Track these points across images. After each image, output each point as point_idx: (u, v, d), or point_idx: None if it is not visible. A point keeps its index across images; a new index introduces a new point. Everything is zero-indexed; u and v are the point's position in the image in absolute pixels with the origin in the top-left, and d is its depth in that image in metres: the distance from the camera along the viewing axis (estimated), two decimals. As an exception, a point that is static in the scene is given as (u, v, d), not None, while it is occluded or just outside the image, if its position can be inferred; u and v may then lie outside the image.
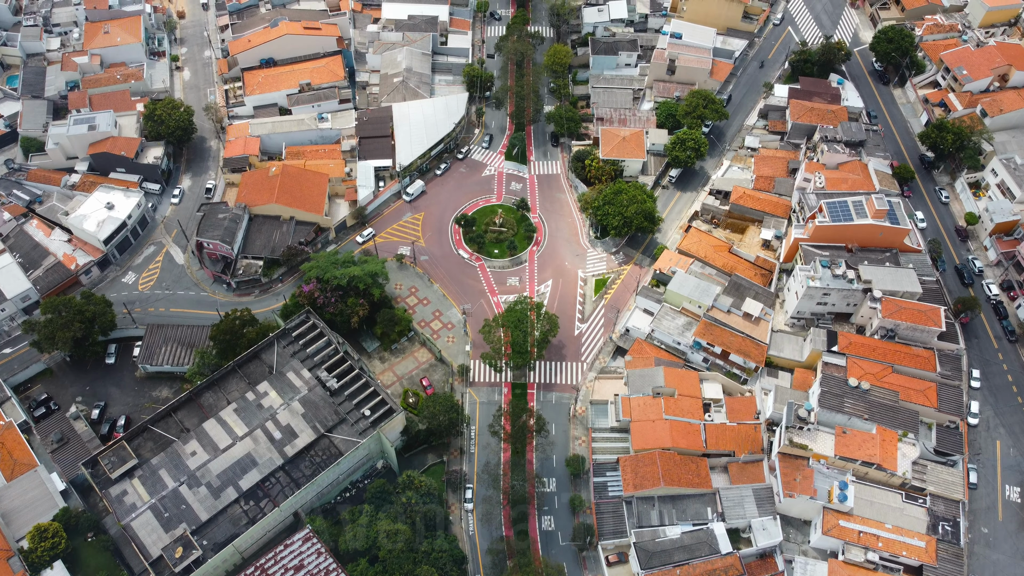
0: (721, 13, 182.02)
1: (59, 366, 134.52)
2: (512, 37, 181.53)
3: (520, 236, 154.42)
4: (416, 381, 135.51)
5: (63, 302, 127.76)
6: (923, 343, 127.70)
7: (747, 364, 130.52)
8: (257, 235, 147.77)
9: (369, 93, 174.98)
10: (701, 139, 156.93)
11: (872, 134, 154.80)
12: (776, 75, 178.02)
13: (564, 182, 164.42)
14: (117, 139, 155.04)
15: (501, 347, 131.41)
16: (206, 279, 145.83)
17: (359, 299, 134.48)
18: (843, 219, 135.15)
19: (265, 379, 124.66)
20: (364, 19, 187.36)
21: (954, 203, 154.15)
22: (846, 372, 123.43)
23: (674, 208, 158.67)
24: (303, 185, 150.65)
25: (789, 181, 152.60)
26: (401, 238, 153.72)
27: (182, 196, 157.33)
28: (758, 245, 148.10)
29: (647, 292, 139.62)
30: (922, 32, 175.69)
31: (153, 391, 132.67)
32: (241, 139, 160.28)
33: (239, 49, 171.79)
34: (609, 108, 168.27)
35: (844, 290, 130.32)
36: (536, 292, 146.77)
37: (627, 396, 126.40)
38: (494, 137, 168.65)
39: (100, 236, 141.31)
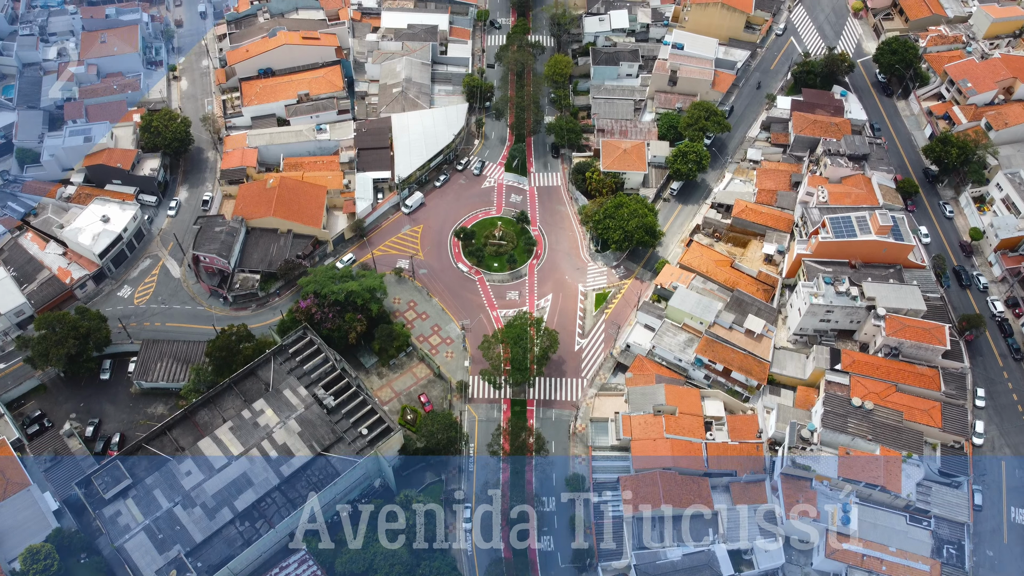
0: (723, 23, 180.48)
1: (53, 382, 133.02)
2: (512, 47, 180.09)
3: (520, 249, 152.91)
4: (414, 397, 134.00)
5: (57, 318, 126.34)
6: (927, 361, 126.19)
7: (749, 382, 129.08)
8: (254, 248, 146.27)
9: (368, 103, 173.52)
10: (703, 152, 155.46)
11: (876, 147, 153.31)
12: (779, 86, 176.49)
13: (564, 194, 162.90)
14: (113, 151, 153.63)
15: (500, 364, 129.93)
16: (202, 293, 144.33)
17: (357, 314, 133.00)
18: (846, 235, 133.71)
19: (261, 396, 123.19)
20: (363, 28, 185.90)
21: (958, 217, 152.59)
22: (849, 391, 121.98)
23: (675, 221, 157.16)
24: (301, 198, 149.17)
25: (792, 195, 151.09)
26: (400, 251, 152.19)
27: (179, 208, 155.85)
28: (760, 260, 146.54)
29: (648, 307, 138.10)
30: (926, 43, 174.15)
31: (148, 408, 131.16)
32: (239, 150, 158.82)
33: (237, 59, 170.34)
34: (610, 119, 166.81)
35: (847, 307, 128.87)
36: (536, 307, 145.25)
37: (628, 414, 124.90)
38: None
39: (95, 250, 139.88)
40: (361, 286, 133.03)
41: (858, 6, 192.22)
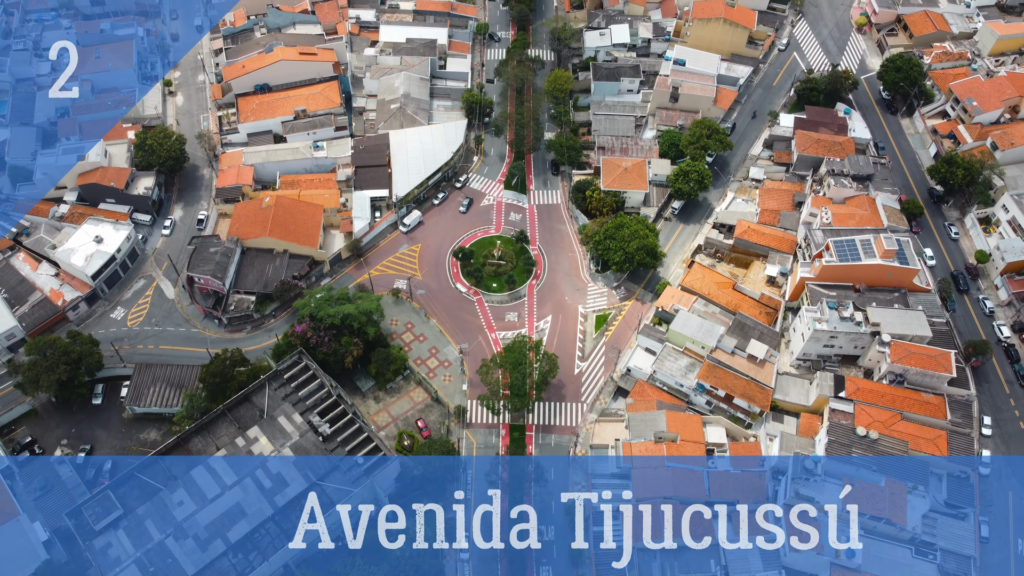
0: (725, 39, 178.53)
1: (44, 407, 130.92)
2: (512, 62, 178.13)
3: (519, 269, 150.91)
4: (412, 422, 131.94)
5: (48, 343, 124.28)
6: (933, 389, 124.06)
7: (752, 408, 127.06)
8: (249, 269, 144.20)
9: (366, 119, 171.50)
10: (705, 171, 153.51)
11: (880, 167, 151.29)
12: (781, 102, 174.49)
13: (564, 213, 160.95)
14: (107, 169, 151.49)
15: (499, 389, 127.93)
16: (197, 315, 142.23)
17: (353, 338, 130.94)
18: (851, 258, 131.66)
19: (256, 424, 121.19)
20: (362, 42, 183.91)
21: (964, 239, 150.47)
22: (854, 419, 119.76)
23: (677, 241, 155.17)
24: (297, 217, 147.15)
25: (795, 215, 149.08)
26: (397, 271, 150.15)
27: (173, 227, 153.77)
28: (763, 281, 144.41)
29: (649, 331, 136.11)
30: (931, 60, 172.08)
31: (141, 433, 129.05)
32: (234, 168, 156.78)
33: (233, 75, 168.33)
34: (611, 136, 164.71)
35: (851, 333, 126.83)
36: (535, 328, 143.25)
37: (628, 441, 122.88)
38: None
39: (88, 271, 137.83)
40: (358, 309, 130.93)
41: (862, 21, 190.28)
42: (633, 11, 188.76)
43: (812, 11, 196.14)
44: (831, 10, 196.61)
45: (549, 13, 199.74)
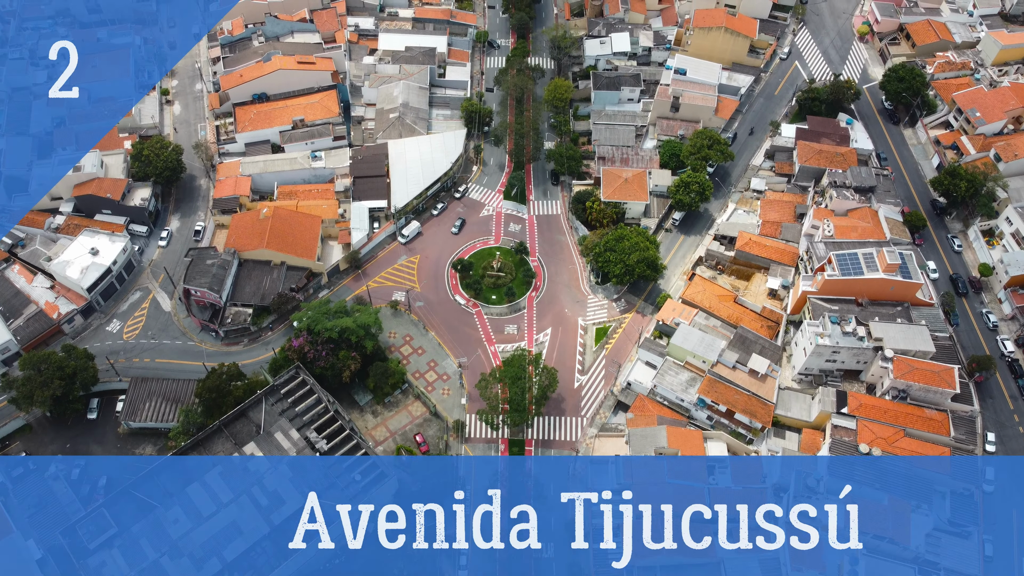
0: (727, 47, 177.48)
1: (39, 421, 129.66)
2: (512, 70, 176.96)
3: (519, 281, 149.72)
4: (410, 437, 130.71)
5: (43, 358, 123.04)
6: (936, 404, 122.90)
7: (753, 424, 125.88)
8: (247, 281, 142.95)
9: (364, 128, 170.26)
10: (706, 182, 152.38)
11: (882, 179, 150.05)
12: (783, 112, 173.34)
13: (564, 223, 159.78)
14: (103, 180, 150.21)
15: (498, 404, 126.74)
16: (193, 327, 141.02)
17: (351, 352, 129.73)
18: (853, 272, 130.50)
19: (252, 439, 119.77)
20: (360, 50, 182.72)
21: (967, 252, 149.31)
22: (856, 436, 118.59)
23: (677, 252, 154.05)
24: (295, 229, 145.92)
25: (796, 227, 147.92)
26: (396, 283, 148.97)
27: (170, 238, 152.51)
28: (764, 294, 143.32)
29: (649, 344, 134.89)
30: (933, 70, 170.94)
31: (136, 449, 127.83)
32: (232, 178, 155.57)
33: (231, 84, 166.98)
34: (611, 146, 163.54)
35: (854, 348, 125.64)
36: (535, 341, 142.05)
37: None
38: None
39: (84, 284, 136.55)
40: (356, 322, 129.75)
41: (864, 30, 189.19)
42: (634, 19, 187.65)
43: (814, 20, 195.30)
44: (833, 19, 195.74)
45: (549, 21, 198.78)
